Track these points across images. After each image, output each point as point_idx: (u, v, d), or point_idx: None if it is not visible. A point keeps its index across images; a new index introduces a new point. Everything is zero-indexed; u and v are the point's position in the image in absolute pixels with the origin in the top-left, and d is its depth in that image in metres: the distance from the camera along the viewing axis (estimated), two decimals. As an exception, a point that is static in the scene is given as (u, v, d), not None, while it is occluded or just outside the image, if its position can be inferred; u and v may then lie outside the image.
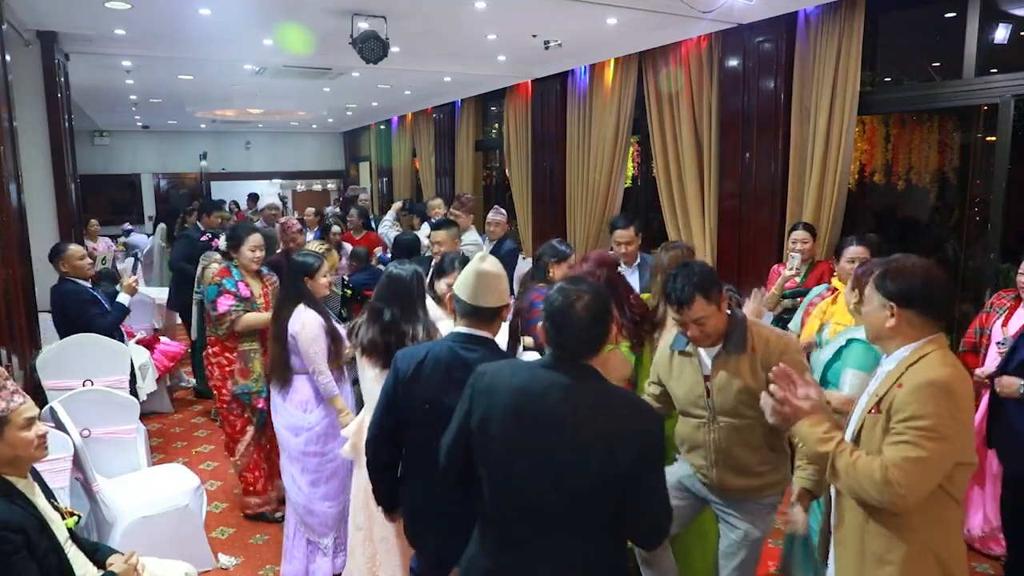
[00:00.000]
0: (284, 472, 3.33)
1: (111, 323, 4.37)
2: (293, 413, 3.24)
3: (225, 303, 3.68)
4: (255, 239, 3.85)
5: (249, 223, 7.33)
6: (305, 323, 3.19)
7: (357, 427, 2.87)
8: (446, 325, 2.63)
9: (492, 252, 5.41)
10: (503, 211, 5.58)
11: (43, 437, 2.05)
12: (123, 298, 4.48)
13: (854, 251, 3.73)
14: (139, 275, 8.21)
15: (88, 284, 4.44)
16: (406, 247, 4.66)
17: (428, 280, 3.15)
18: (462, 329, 2.10)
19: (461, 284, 2.10)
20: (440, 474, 1.92)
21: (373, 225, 7.38)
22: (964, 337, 3.50)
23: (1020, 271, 3.21)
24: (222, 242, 4.71)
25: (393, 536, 2.72)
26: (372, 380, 2.70)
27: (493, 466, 1.75)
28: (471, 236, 5.35)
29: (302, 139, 15.79)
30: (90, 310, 4.31)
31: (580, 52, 6.85)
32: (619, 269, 3.12)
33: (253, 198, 11.67)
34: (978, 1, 4.32)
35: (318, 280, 3.32)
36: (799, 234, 4.38)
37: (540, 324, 1.85)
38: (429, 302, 2.97)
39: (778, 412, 1.85)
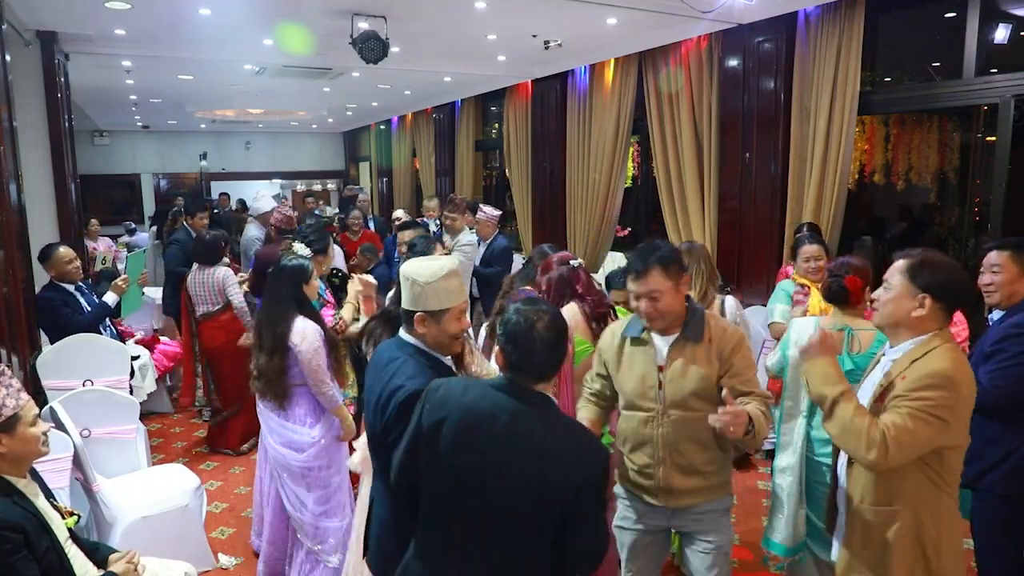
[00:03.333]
0: (285, 494, 3.08)
1: (87, 321, 4.25)
2: (295, 429, 3.05)
3: (329, 315, 3.61)
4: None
5: (230, 220, 7.34)
6: (306, 335, 2.98)
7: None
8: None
9: (486, 251, 5.43)
10: (488, 210, 5.58)
11: (45, 434, 2.08)
12: (109, 297, 4.40)
13: (809, 250, 3.78)
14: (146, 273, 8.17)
15: (71, 287, 4.34)
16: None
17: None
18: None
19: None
20: (394, 491, 1.88)
21: (371, 225, 7.42)
22: None
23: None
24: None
25: None
26: None
27: (434, 477, 1.74)
28: (468, 236, 5.35)
29: (302, 139, 15.80)
30: (62, 312, 4.21)
31: (580, 52, 6.85)
32: (578, 259, 3.12)
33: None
34: (978, 1, 4.32)
35: (312, 284, 3.19)
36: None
37: (496, 347, 1.79)
38: None
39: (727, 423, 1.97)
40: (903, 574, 1.91)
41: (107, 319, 4.65)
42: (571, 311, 2.92)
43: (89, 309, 4.38)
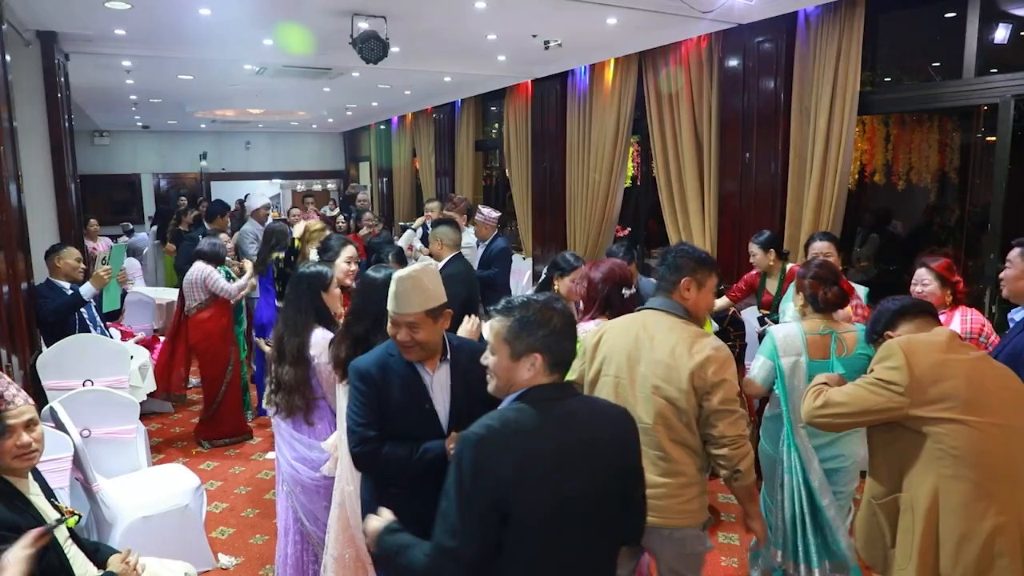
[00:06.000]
0: (301, 512, 2.96)
1: (52, 307, 4.22)
2: (311, 444, 2.92)
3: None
4: (350, 251, 3.65)
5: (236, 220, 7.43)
6: (327, 346, 2.82)
7: (337, 440, 2.72)
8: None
9: (484, 252, 5.45)
10: (487, 211, 5.62)
11: (25, 447, 2.00)
12: (84, 288, 4.32)
13: (820, 246, 3.74)
14: (139, 274, 8.23)
15: (66, 286, 4.34)
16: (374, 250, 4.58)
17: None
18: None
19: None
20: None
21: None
22: None
23: (914, 282, 3.17)
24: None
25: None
26: None
27: (529, 516, 1.55)
28: (465, 238, 5.37)
29: (302, 139, 15.78)
30: (41, 303, 4.23)
31: (580, 52, 6.84)
32: (632, 288, 2.93)
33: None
34: (978, 1, 4.32)
35: (332, 292, 3.08)
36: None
37: (533, 353, 1.65)
38: None
39: None
40: None
41: (100, 320, 4.64)
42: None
43: (82, 309, 4.37)
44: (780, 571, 2.90)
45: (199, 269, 4.96)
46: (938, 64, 4.91)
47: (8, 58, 4.15)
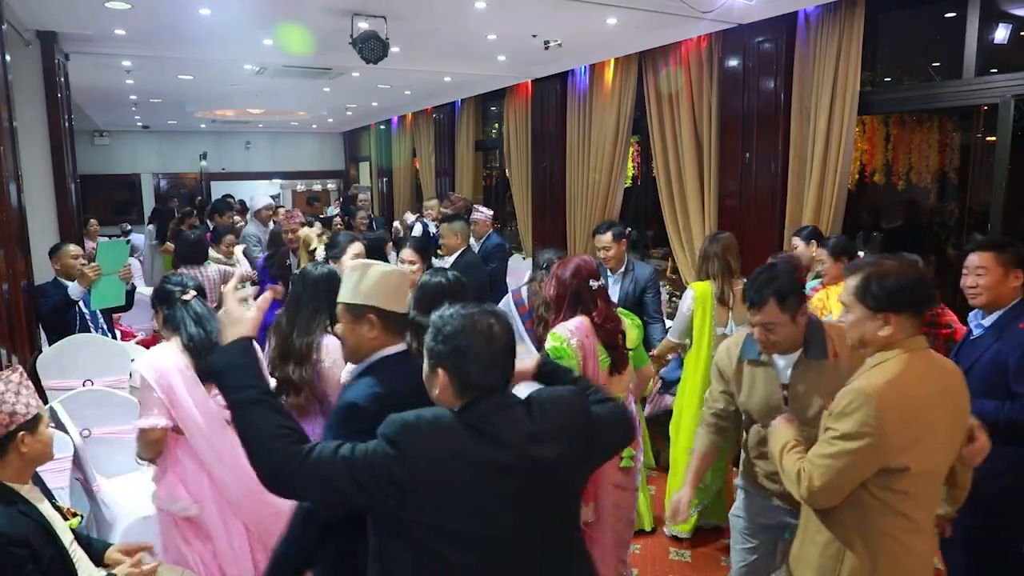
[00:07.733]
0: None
1: (49, 306, 4.19)
2: None
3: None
4: (356, 247, 3.62)
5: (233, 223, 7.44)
6: (330, 350, 2.71)
7: None
8: None
9: (480, 250, 5.48)
10: (484, 210, 5.70)
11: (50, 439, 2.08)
12: (71, 287, 4.19)
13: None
14: (139, 274, 8.23)
15: (67, 283, 4.28)
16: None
17: None
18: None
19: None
20: None
21: (374, 226, 7.44)
22: None
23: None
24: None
25: None
26: None
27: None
28: None
29: (302, 139, 15.79)
30: (40, 302, 4.23)
31: (580, 52, 6.85)
32: (600, 280, 2.92)
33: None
34: (978, 1, 4.32)
35: None
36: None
37: (439, 370, 1.50)
38: None
39: None
40: None
41: (103, 320, 4.62)
42: (585, 322, 2.79)
43: (83, 308, 4.37)
44: None
45: (216, 269, 4.95)
46: (938, 64, 4.91)
47: (8, 58, 4.15)
